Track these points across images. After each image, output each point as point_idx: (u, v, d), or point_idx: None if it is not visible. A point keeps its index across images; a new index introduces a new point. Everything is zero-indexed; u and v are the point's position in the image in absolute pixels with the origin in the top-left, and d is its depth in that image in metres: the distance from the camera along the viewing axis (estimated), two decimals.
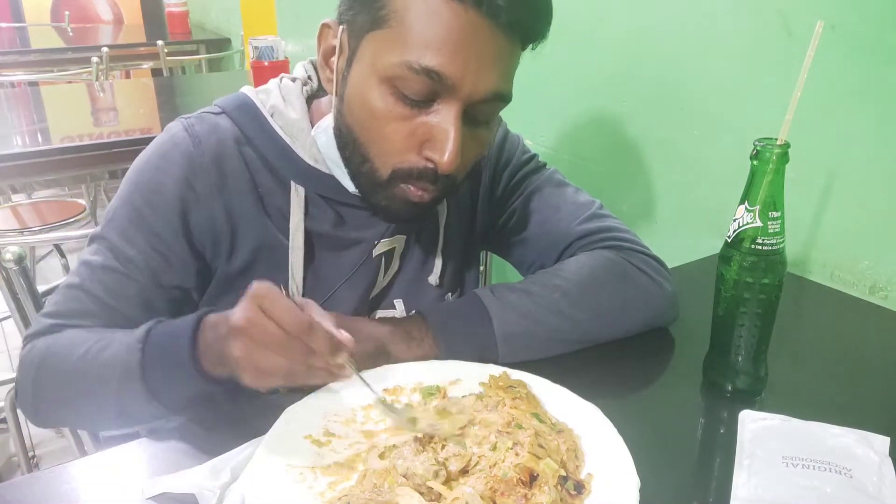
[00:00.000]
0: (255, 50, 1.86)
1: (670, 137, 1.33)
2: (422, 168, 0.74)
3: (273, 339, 0.60)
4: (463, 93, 0.71)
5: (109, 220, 0.81)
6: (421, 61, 0.69)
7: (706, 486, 0.66)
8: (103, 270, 0.79)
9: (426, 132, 0.73)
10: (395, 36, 0.70)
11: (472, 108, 0.73)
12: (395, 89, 0.72)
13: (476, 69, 0.70)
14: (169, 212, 0.80)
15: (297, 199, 0.83)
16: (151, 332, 0.71)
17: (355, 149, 0.77)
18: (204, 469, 0.63)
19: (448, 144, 0.72)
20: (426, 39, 0.69)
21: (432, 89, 0.71)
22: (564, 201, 0.96)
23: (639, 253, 0.91)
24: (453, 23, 0.68)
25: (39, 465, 1.85)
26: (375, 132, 0.74)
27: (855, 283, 1.06)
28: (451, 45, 0.69)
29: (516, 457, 0.60)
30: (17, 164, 1.78)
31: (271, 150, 0.83)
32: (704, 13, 1.21)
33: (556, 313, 0.83)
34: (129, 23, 4.52)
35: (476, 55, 0.70)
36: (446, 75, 0.69)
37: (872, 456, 0.64)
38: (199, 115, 0.85)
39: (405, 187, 0.76)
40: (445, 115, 0.72)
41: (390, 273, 0.91)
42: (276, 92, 0.86)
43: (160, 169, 0.81)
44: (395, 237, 0.89)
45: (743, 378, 0.78)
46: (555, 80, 1.55)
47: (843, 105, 1.03)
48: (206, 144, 0.81)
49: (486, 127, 0.78)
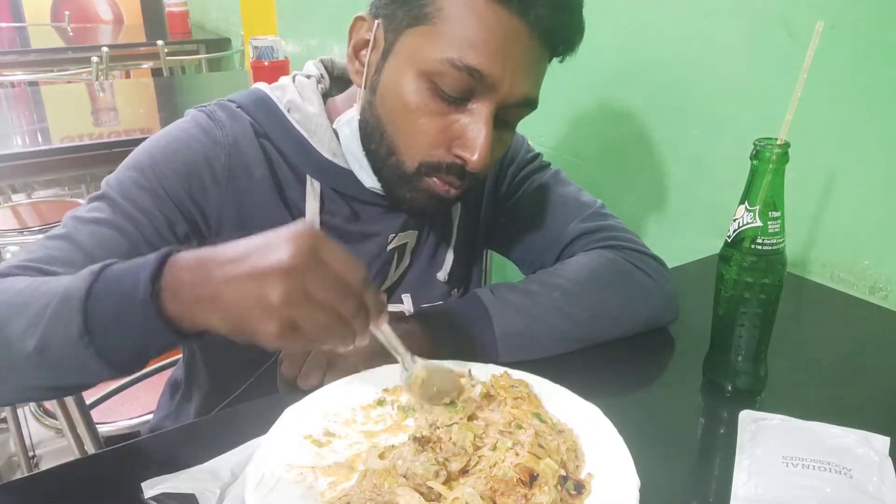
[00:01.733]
0: (255, 50, 1.86)
1: (670, 137, 1.33)
2: (450, 163, 0.76)
3: (331, 287, 0.54)
4: (500, 94, 0.73)
5: (112, 183, 0.78)
6: (464, 59, 0.71)
7: (706, 486, 0.66)
8: (96, 223, 0.75)
9: (459, 129, 0.75)
10: (439, 33, 0.72)
11: (503, 110, 0.75)
12: (432, 84, 0.73)
13: (514, 72, 0.73)
14: (179, 183, 0.78)
15: (312, 193, 0.84)
16: (112, 265, 0.60)
17: (382, 140, 0.78)
18: (204, 469, 0.63)
19: (479, 143, 0.74)
20: (470, 39, 0.71)
21: (471, 87, 0.73)
22: (566, 200, 0.97)
23: (639, 252, 0.92)
24: (497, 26, 0.71)
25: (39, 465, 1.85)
26: (408, 124, 0.76)
27: (855, 283, 1.06)
28: (493, 47, 0.71)
29: (516, 457, 0.60)
30: (17, 164, 1.78)
31: (288, 144, 0.83)
32: (705, 13, 1.21)
33: (555, 312, 0.83)
34: (129, 23, 4.52)
35: (515, 59, 0.72)
36: (487, 74, 0.71)
37: (872, 456, 0.64)
38: (217, 104, 0.85)
39: (431, 181, 0.77)
40: (479, 114, 0.74)
41: (401, 267, 0.92)
42: (291, 88, 0.86)
43: (179, 140, 0.80)
44: (407, 232, 0.90)
45: (743, 378, 0.78)
46: (555, 80, 1.55)
47: (843, 105, 1.03)
48: (229, 129, 0.82)
49: (510, 130, 0.81)
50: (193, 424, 0.76)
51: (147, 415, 1.27)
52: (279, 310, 0.52)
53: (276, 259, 0.53)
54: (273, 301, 0.52)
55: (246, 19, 3.48)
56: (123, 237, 0.74)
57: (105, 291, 0.58)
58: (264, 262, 0.53)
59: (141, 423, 1.33)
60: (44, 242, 0.73)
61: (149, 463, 0.65)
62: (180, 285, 0.56)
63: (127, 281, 0.57)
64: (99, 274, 0.59)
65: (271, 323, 0.53)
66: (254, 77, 1.89)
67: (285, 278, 0.52)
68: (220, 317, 0.55)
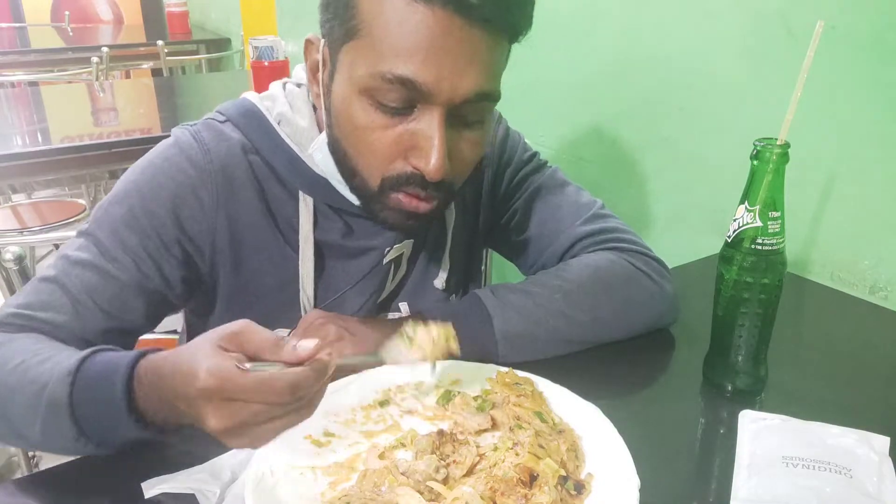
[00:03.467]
0: (255, 50, 1.86)
1: (670, 137, 1.33)
2: (409, 173, 0.72)
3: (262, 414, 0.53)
4: (442, 97, 0.68)
5: (100, 218, 0.78)
6: (393, 70, 0.67)
7: (706, 486, 0.66)
8: (84, 266, 0.75)
9: (410, 139, 0.71)
10: (367, 46, 0.69)
11: (458, 109, 0.70)
12: (373, 100, 0.70)
13: (452, 71, 0.67)
14: (168, 216, 0.77)
15: (305, 209, 0.82)
16: (84, 365, 0.63)
17: (345, 162, 0.76)
18: (204, 469, 0.63)
19: (433, 151, 0.69)
20: (396, 47, 0.67)
21: (409, 97, 0.69)
22: (566, 201, 0.96)
23: (641, 254, 0.91)
24: (422, 26, 0.66)
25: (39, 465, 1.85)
26: (361, 144, 0.73)
27: (855, 283, 1.06)
28: (421, 50, 0.66)
29: (516, 457, 0.60)
30: (17, 164, 1.78)
31: (279, 160, 0.81)
32: (704, 13, 1.21)
33: (556, 314, 0.83)
34: (129, 23, 4.52)
35: (450, 56, 0.67)
36: (420, 82, 0.67)
37: (872, 456, 0.64)
38: (204, 122, 0.83)
39: (396, 197, 0.74)
40: (427, 121, 0.70)
41: (398, 277, 0.91)
42: (282, 98, 0.84)
43: (164, 172, 0.78)
44: (404, 243, 0.89)
45: (743, 378, 0.78)
46: (555, 80, 1.55)
47: (843, 105, 1.03)
48: (214, 152, 0.79)
49: (478, 127, 0.75)
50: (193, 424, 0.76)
51: None
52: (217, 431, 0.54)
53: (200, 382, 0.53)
54: (212, 430, 0.54)
55: (246, 19, 3.48)
56: (109, 282, 0.75)
57: (87, 401, 0.61)
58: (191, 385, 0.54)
59: None
60: (36, 285, 0.76)
61: (149, 463, 0.65)
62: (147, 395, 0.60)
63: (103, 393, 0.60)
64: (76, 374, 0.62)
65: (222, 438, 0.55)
66: (254, 77, 1.89)
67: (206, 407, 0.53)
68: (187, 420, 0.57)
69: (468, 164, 0.77)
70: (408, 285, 0.92)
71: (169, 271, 0.78)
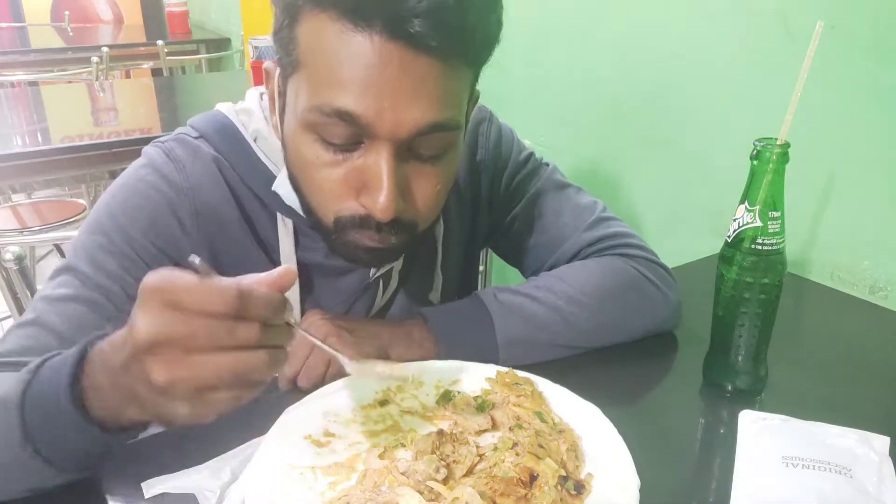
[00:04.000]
0: (255, 50, 1.86)
1: (670, 137, 1.33)
2: (363, 216, 0.67)
3: (202, 333, 0.47)
4: (384, 131, 0.62)
5: (77, 251, 0.73)
6: (330, 103, 0.62)
7: (706, 486, 0.66)
8: (65, 302, 0.71)
9: (358, 177, 0.66)
10: (307, 78, 0.64)
11: (410, 143, 0.65)
12: (317, 135, 0.65)
13: (394, 103, 0.62)
14: (145, 239, 0.74)
15: (285, 230, 0.79)
16: (49, 360, 0.57)
17: (301, 198, 0.72)
18: (204, 469, 0.63)
19: (381, 191, 0.64)
20: (332, 78, 0.62)
21: (352, 132, 0.64)
22: (567, 205, 0.94)
23: (647, 261, 0.90)
24: (360, 57, 0.60)
25: None
26: (310, 182, 0.69)
27: (855, 283, 1.07)
28: (359, 82, 0.61)
29: (516, 457, 0.60)
30: (17, 164, 1.78)
31: (256, 180, 0.78)
32: (704, 14, 1.21)
33: (559, 321, 0.82)
34: (129, 23, 4.52)
35: (391, 87, 0.61)
36: (358, 114, 0.62)
37: (872, 456, 0.64)
38: (176, 139, 0.79)
39: (356, 234, 0.69)
40: (374, 157, 0.64)
41: (389, 290, 0.89)
42: (258, 114, 0.80)
43: (139, 193, 0.75)
44: None
45: (743, 378, 0.78)
46: (555, 80, 1.55)
47: (843, 105, 1.03)
48: (190, 170, 0.76)
49: (437, 161, 0.68)
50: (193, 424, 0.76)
51: None
52: (171, 388, 0.47)
53: (134, 339, 0.48)
54: (160, 382, 0.47)
55: (246, 19, 3.48)
56: (94, 311, 0.71)
57: (36, 397, 0.55)
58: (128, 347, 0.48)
59: None
60: (15, 332, 0.70)
61: (149, 463, 0.65)
62: (97, 386, 0.53)
63: (51, 387, 0.54)
64: (35, 373, 0.56)
65: (179, 403, 0.48)
66: (254, 77, 1.89)
67: (150, 356, 0.47)
68: (137, 411, 0.52)
69: (432, 201, 0.70)
70: (400, 299, 0.90)
71: None
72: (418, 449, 0.63)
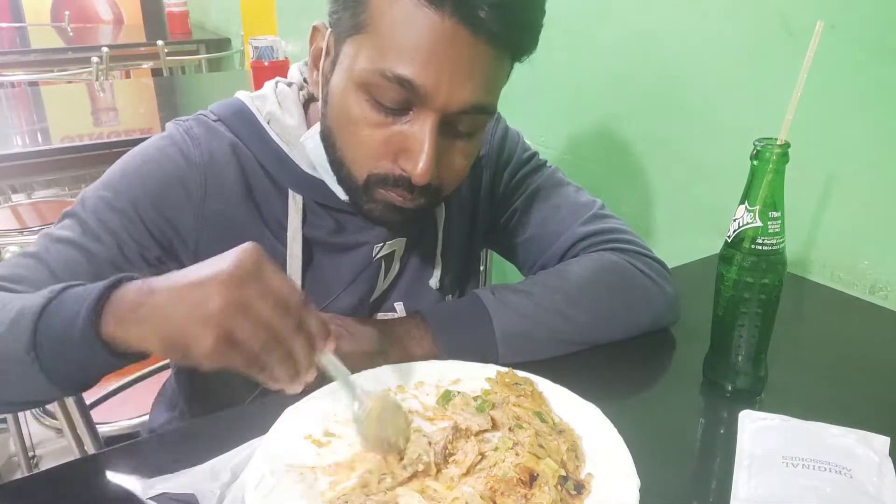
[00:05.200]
0: (255, 50, 1.86)
1: (670, 137, 1.33)
2: (397, 176, 0.73)
3: (270, 302, 0.54)
4: (437, 103, 0.69)
5: (85, 201, 0.78)
6: (394, 69, 0.67)
7: (706, 486, 0.66)
8: (66, 243, 0.75)
9: (401, 141, 0.71)
10: (372, 42, 0.69)
11: (452, 118, 0.71)
12: (370, 96, 0.70)
13: (451, 80, 0.68)
14: (151, 204, 0.78)
15: (294, 206, 0.83)
16: (74, 286, 0.62)
17: (334, 153, 0.76)
18: (204, 469, 0.63)
19: (421, 156, 0.70)
20: (400, 47, 0.67)
21: (406, 98, 0.69)
22: (565, 201, 0.96)
23: (641, 255, 0.91)
24: (429, 31, 0.66)
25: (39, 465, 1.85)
26: (351, 137, 0.73)
27: (855, 283, 1.06)
28: (424, 54, 0.67)
29: (516, 457, 0.60)
30: (17, 164, 1.78)
31: (268, 158, 0.82)
32: (704, 13, 1.21)
33: (556, 314, 0.83)
34: (129, 23, 4.52)
35: (452, 65, 0.68)
36: (418, 84, 0.67)
37: (872, 456, 0.64)
38: (196, 118, 0.84)
39: (381, 192, 0.74)
40: (420, 125, 0.70)
41: (391, 276, 0.91)
42: (272, 98, 0.85)
43: (154, 161, 0.79)
44: (395, 240, 0.89)
45: (743, 378, 0.78)
46: (555, 81, 1.55)
47: (843, 105, 1.03)
48: (205, 147, 0.80)
49: (469, 139, 0.75)
50: (193, 424, 0.76)
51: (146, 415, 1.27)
52: (216, 318, 0.53)
53: (217, 270, 0.54)
54: (210, 309, 0.53)
55: (246, 19, 3.48)
56: (88, 260, 0.74)
57: (56, 310, 0.60)
58: (204, 273, 0.55)
59: (141, 423, 1.33)
60: (16, 259, 0.75)
61: (149, 463, 0.65)
62: (122, 305, 0.58)
63: (75, 302, 0.59)
64: (59, 293, 0.61)
65: (207, 333, 0.53)
66: (254, 77, 1.89)
67: (224, 287, 0.53)
68: (155, 331, 0.56)
69: (456, 174, 0.77)
70: (401, 285, 0.92)
71: (151, 257, 0.78)
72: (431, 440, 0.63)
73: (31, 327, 0.60)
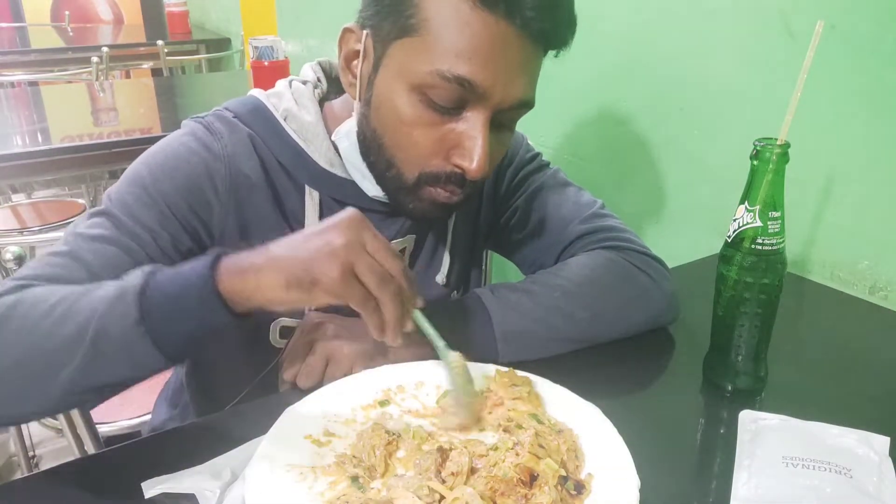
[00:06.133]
0: (255, 50, 1.86)
1: (670, 137, 1.33)
2: (449, 172, 0.76)
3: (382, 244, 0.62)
4: (493, 101, 0.72)
5: (113, 200, 0.77)
6: (453, 70, 0.70)
7: (706, 486, 0.66)
8: (101, 241, 0.74)
9: (455, 139, 0.74)
10: (426, 44, 0.71)
11: (499, 114, 0.74)
12: (424, 97, 0.72)
13: (505, 78, 0.71)
14: (181, 198, 0.78)
15: (311, 202, 0.84)
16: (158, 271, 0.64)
17: (381, 153, 0.78)
18: (204, 469, 0.63)
19: (477, 151, 0.73)
20: (457, 48, 0.70)
21: (462, 97, 0.72)
22: (566, 200, 0.96)
23: (639, 253, 0.91)
24: (484, 32, 0.69)
25: (39, 465, 1.85)
26: (404, 138, 0.75)
27: (855, 283, 1.06)
28: (482, 55, 0.70)
29: (516, 457, 0.60)
30: (17, 164, 1.78)
31: (285, 154, 0.83)
32: (704, 13, 1.21)
33: (556, 313, 0.83)
34: (129, 23, 4.52)
35: (505, 64, 0.71)
36: (477, 83, 0.70)
37: (872, 456, 0.64)
38: (213, 114, 0.85)
39: (433, 190, 0.77)
40: (474, 122, 0.73)
41: None
42: (287, 95, 0.86)
43: (179, 156, 0.80)
44: (406, 237, 0.90)
45: (743, 378, 0.78)
46: (555, 80, 1.55)
47: (843, 105, 1.03)
48: (226, 140, 0.81)
49: (509, 131, 0.80)
50: (193, 424, 0.76)
51: (147, 415, 1.27)
52: (342, 252, 0.60)
53: (334, 222, 0.62)
54: (336, 245, 0.60)
55: (246, 19, 3.48)
56: (127, 255, 0.74)
57: (162, 282, 0.62)
58: (322, 226, 0.62)
59: (141, 423, 1.33)
60: (47, 259, 0.73)
61: (149, 463, 0.65)
62: (239, 262, 0.62)
63: (185, 270, 0.62)
64: (153, 272, 0.63)
65: (335, 265, 0.59)
66: (254, 77, 1.89)
67: (346, 229, 0.61)
68: (280, 272, 0.60)
69: (494, 164, 0.82)
70: None
71: (184, 249, 0.79)
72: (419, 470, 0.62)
73: (136, 303, 0.61)
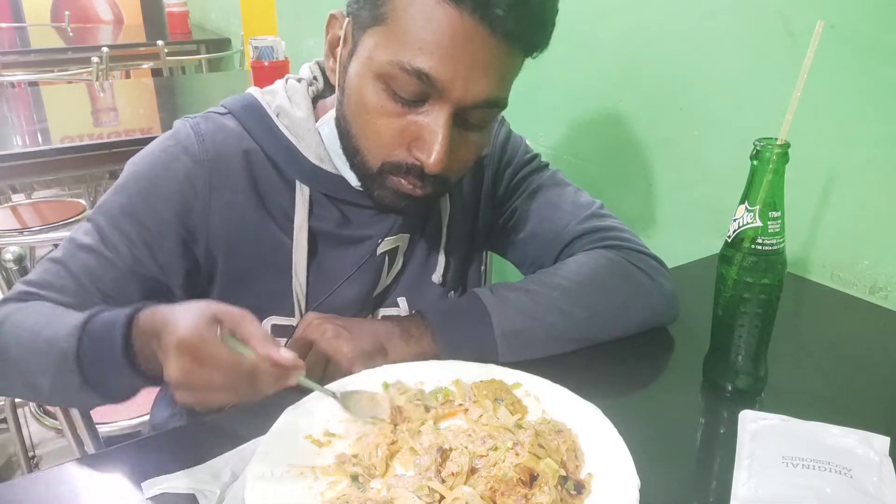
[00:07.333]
0: (255, 50, 1.86)
1: (670, 137, 1.33)
2: (410, 164, 0.75)
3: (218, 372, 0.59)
4: (453, 96, 0.71)
5: (102, 206, 0.82)
6: (412, 62, 0.70)
7: (706, 486, 0.66)
8: (86, 251, 0.79)
9: (415, 131, 0.74)
10: (392, 34, 0.71)
11: (465, 112, 0.73)
12: (387, 87, 0.72)
13: (467, 74, 0.70)
14: (163, 206, 0.80)
15: (301, 198, 0.84)
16: (89, 323, 0.70)
17: (349, 140, 0.79)
18: (204, 469, 0.63)
19: (435, 146, 0.72)
20: (419, 41, 0.69)
21: (423, 90, 0.71)
22: (565, 201, 0.96)
23: (638, 252, 0.91)
24: (448, 27, 0.69)
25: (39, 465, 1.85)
26: (367, 125, 0.75)
27: (855, 283, 1.06)
28: (443, 49, 0.69)
29: (516, 457, 0.60)
30: (17, 164, 1.78)
31: (276, 150, 0.84)
32: (704, 13, 1.21)
33: (555, 312, 0.83)
34: (129, 23, 4.52)
35: (468, 60, 0.70)
36: (436, 78, 0.70)
37: (872, 456, 0.64)
38: (204, 115, 0.86)
39: (395, 179, 0.77)
40: (435, 116, 0.72)
41: (394, 271, 0.92)
42: (281, 92, 0.87)
43: (161, 163, 0.81)
44: (399, 235, 0.90)
45: (743, 378, 0.78)
46: (555, 80, 1.55)
47: (843, 105, 1.03)
48: (209, 142, 0.82)
49: (479, 131, 0.78)
50: (193, 424, 0.76)
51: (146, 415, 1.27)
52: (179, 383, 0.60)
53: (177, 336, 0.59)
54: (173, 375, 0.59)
55: (246, 19, 3.48)
56: (107, 268, 0.79)
57: (91, 354, 0.68)
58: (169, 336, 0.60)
59: (141, 423, 1.33)
60: (45, 265, 0.80)
61: (149, 463, 0.65)
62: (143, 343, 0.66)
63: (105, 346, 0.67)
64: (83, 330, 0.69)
65: (183, 394, 0.61)
66: (254, 77, 1.89)
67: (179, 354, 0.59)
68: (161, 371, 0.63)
69: (464, 164, 0.80)
70: (404, 280, 0.93)
71: (165, 260, 0.81)
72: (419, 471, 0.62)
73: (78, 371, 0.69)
